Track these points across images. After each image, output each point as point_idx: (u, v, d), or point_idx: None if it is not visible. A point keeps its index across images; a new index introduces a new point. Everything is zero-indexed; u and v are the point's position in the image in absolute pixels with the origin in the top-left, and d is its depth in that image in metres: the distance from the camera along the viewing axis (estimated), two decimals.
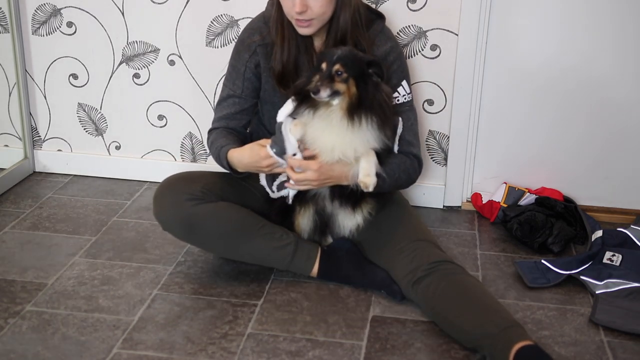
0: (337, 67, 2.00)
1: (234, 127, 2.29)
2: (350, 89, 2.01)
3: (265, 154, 2.06)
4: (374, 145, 2.07)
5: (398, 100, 2.22)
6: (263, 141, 2.09)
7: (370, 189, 2.06)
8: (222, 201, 2.19)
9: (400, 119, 2.20)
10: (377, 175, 2.07)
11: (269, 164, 2.08)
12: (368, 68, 2.03)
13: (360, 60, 2.03)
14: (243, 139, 2.28)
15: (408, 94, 2.25)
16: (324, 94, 1.99)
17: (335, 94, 2.01)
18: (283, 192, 2.17)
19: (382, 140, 2.07)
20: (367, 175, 2.05)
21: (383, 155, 2.11)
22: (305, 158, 2.06)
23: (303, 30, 2.12)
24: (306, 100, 2.05)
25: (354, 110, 2.01)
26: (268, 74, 2.24)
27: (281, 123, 2.06)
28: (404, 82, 2.24)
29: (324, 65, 2.02)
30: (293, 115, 2.06)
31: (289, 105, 2.07)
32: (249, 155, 2.11)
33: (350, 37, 2.14)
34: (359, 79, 2.02)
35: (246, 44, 2.24)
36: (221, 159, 2.19)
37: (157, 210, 2.21)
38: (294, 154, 2.05)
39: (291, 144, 2.04)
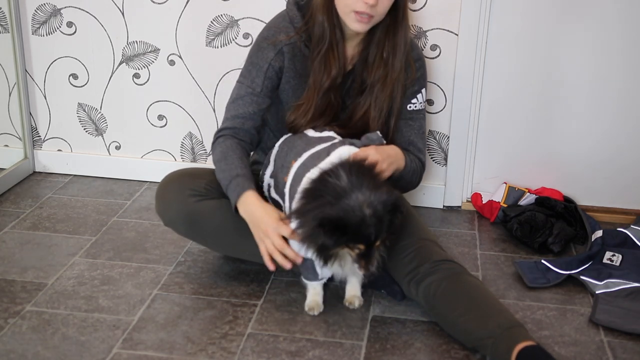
0: (378, 244, 1.88)
1: (249, 128, 2.17)
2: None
3: (283, 219, 1.97)
4: None
5: (415, 107, 2.25)
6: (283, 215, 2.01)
7: (356, 307, 2.13)
8: (225, 198, 2.18)
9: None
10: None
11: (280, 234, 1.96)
12: (395, 214, 1.89)
13: (391, 214, 1.87)
14: (250, 150, 2.24)
15: (425, 101, 2.29)
16: (373, 268, 1.91)
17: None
18: None
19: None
20: (354, 296, 2.14)
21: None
22: None
23: (360, 26, 2.04)
24: (334, 256, 1.91)
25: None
26: (291, 75, 2.17)
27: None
28: (423, 90, 2.27)
29: (361, 247, 1.87)
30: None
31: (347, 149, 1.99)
32: (263, 212, 2.00)
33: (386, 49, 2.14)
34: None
35: (271, 42, 2.14)
36: (230, 187, 2.06)
37: (160, 205, 2.20)
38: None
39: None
